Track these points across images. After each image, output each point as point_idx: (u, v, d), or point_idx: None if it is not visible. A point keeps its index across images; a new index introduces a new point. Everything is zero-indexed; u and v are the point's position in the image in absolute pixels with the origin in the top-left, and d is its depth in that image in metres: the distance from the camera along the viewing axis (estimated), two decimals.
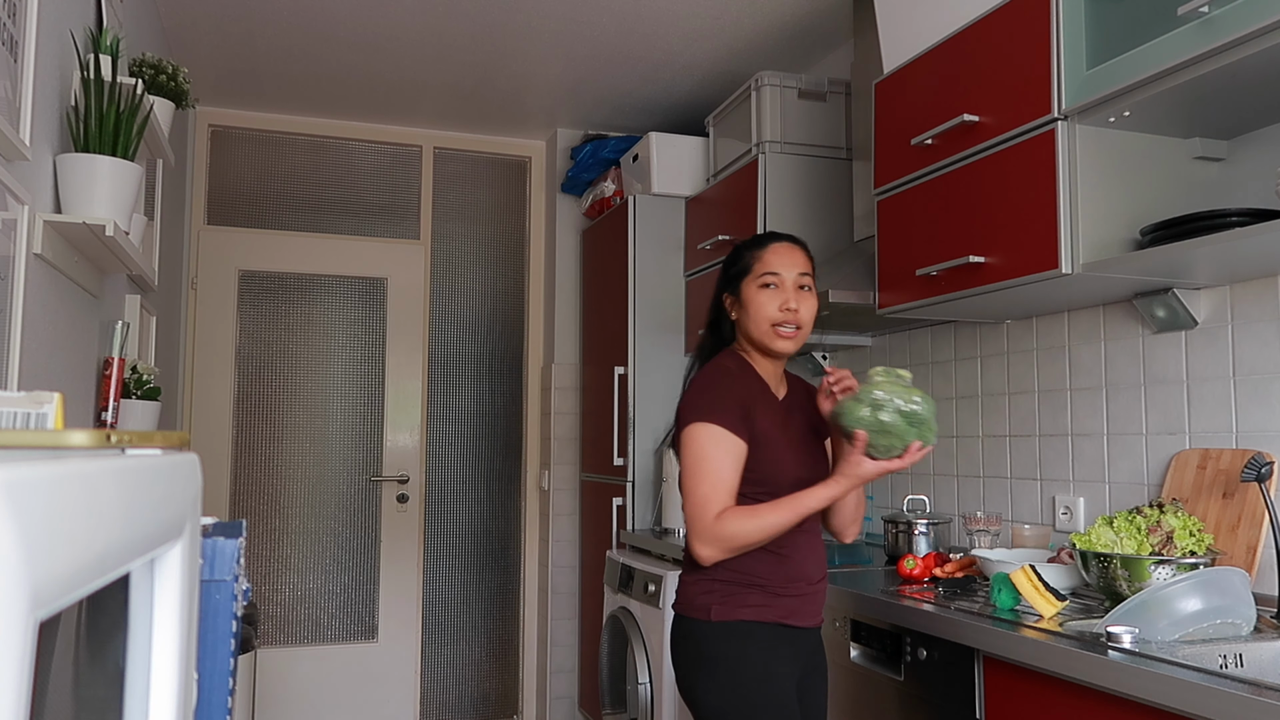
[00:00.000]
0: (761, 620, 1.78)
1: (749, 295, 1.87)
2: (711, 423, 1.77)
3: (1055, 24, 1.89)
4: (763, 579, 1.79)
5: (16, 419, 0.62)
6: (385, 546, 4.19)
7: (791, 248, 1.89)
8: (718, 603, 1.79)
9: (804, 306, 1.86)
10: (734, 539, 1.72)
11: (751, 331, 1.87)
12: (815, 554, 1.88)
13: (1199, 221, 1.70)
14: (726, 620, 1.77)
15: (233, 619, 0.75)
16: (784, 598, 1.80)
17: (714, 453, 1.76)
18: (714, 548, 1.74)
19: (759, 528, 1.73)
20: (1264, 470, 1.71)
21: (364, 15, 3.18)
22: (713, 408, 1.78)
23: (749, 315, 1.86)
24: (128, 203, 1.90)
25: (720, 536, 1.72)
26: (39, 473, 0.38)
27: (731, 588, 1.79)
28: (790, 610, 1.81)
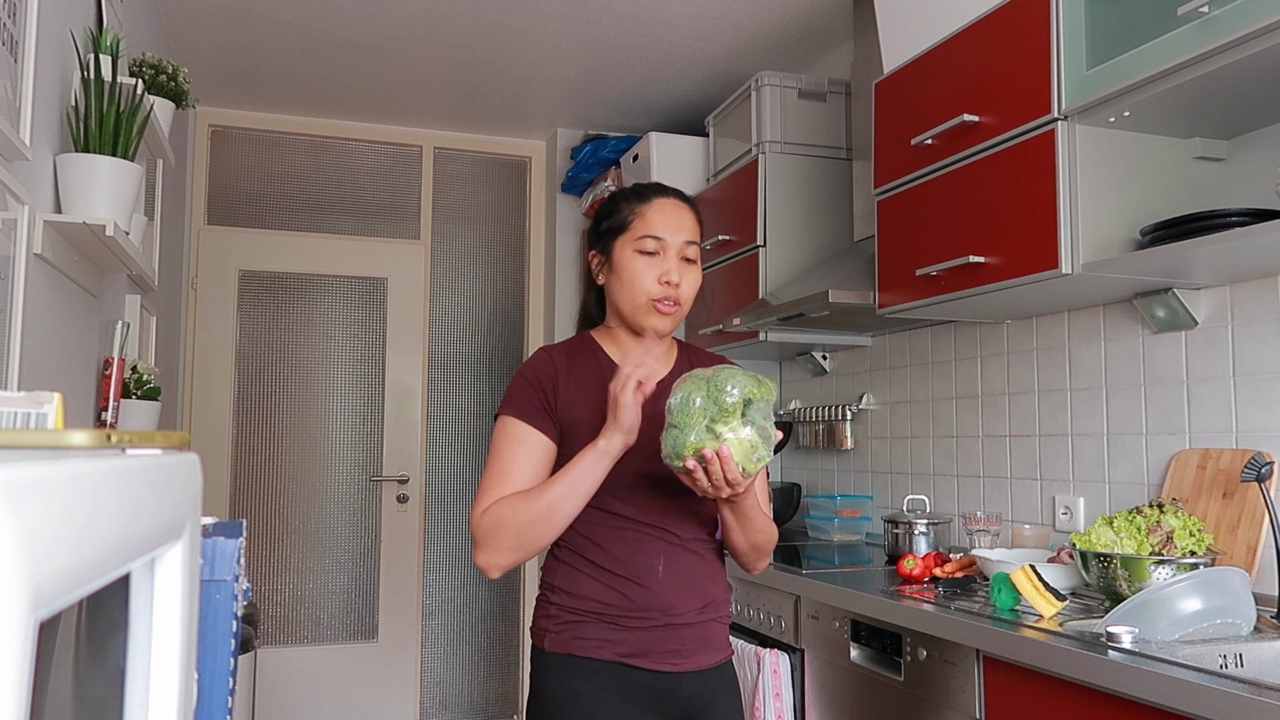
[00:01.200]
0: (597, 658, 1.47)
1: (622, 260, 1.54)
2: (504, 414, 1.52)
3: (1055, 24, 1.89)
4: (598, 606, 1.49)
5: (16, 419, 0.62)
6: (385, 546, 4.19)
7: (680, 206, 1.59)
8: (553, 630, 1.50)
9: (686, 281, 1.54)
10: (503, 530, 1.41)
11: (621, 304, 1.55)
12: (686, 579, 1.52)
13: (1199, 221, 1.70)
14: (558, 652, 1.49)
15: (233, 619, 0.75)
16: (629, 631, 1.48)
17: (500, 446, 1.50)
18: (487, 547, 1.42)
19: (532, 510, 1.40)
20: (1264, 470, 1.71)
21: (364, 15, 3.18)
22: (510, 397, 1.52)
23: (620, 283, 1.54)
24: (128, 203, 1.90)
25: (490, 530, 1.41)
26: (39, 473, 0.38)
27: (567, 613, 1.50)
28: (639, 648, 1.48)
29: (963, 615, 1.77)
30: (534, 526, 1.41)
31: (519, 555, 1.44)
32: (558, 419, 1.52)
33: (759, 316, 2.83)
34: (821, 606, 2.19)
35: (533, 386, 1.53)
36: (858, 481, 3.18)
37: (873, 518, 3.04)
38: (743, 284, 3.14)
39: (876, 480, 3.08)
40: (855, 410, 3.15)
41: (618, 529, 1.51)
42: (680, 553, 1.53)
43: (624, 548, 1.50)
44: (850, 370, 3.23)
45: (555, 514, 1.41)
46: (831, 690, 2.17)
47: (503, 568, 1.44)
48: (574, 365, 1.57)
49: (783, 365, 3.65)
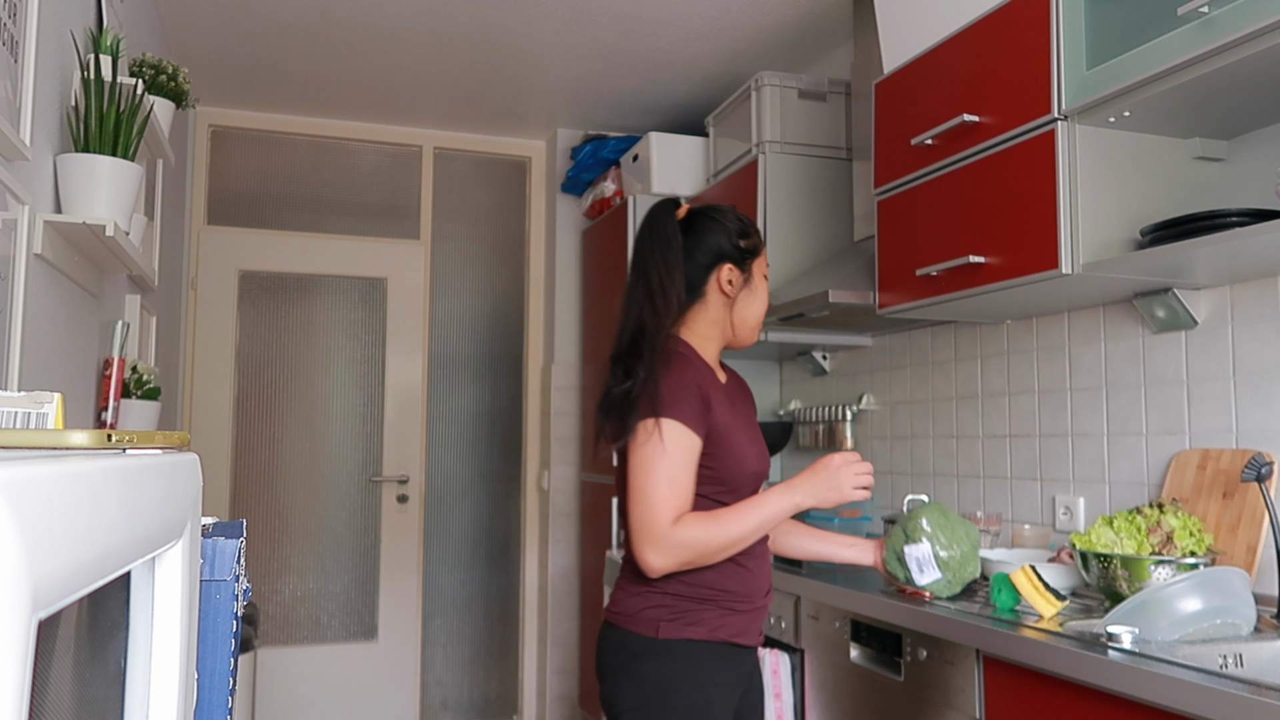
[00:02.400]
0: (710, 640, 1.60)
1: (758, 281, 1.70)
2: (673, 418, 1.56)
3: (1055, 24, 1.89)
4: (720, 593, 1.61)
5: (17, 419, 0.62)
6: (385, 546, 4.19)
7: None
8: (667, 619, 1.59)
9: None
10: (692, 548, 1.53)
11: (748, 317, 1.70)
12: (768, 565, 1.72)
13: (1199, 221, 1.70)
14: (674, 639, 1.59)
15: (233, 619, 0.75)
16: (738, 614, 1.63)
17: (674, 453, 1.55)
18: (668, 558, 1.53)
19: (722, 537, 1.54)
20: (1264, 470, 1.71)
21: (364, 15, 3.18)
22: (679, 401, 1.57)
23: (753, 300, 1.70)
24: (128, 203, 1.90)
25: (678, 545, 1.52)
26: (39, 473, 0.38)
27: (685, 603, 1.60)
28: (741, 628, 1.64)
29: (963, 615, 1.77)
30: (720, 551, 1.57)
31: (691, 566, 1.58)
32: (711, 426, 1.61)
33: None
34: (821, 606, 2.19)
35: (695, 395, 1.59)
36: None
37: (873, 518, 3.04)
38: None
39: (877, 480, 3.08)
40: (855, 410, 3.15)
41: None
42: (764, 548, 1.73)
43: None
44: (850, 370, 3.23)
45: (739, 546, 1.58)
46: (831, 690, 2.17)
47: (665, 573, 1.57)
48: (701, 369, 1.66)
49: (783, 365, 3.65)
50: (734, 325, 1.70)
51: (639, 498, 1.55)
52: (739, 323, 1.70)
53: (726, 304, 1.69)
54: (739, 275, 1.68)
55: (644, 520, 1.54)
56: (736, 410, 1.70)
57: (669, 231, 1.65)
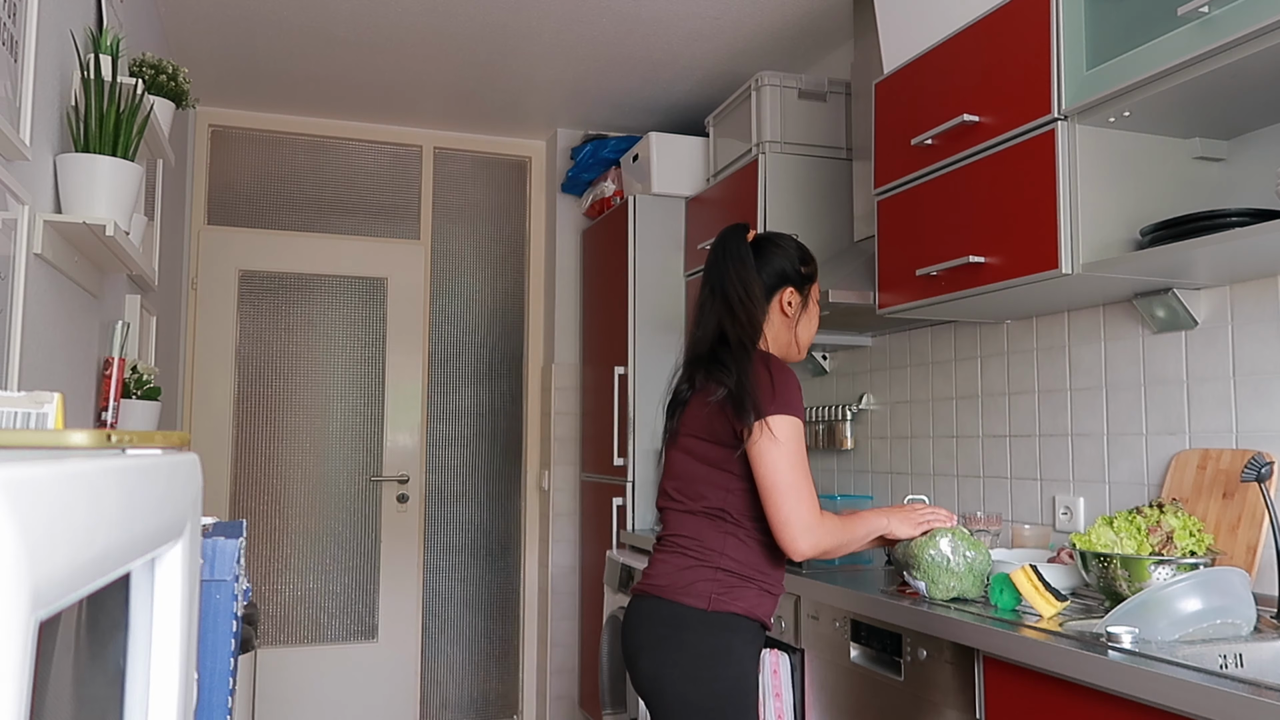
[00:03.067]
0: (751, 616, 1.77)
1: (812, 304, 1.89)
2: (799, 418, 1.74)
3: (1055, 24, 1.89)
4: (761, 575, 1.78)
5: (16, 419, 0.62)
6: (385, 546, 4.19)
7: None
8: (719, 593, 1.75)
9: None
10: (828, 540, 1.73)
11: (801, 338, 1.88)
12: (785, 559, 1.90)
13: (1199, 221, 1.70)
14: (722, 611, 1.74)
15: (233, 619, 0.75)
16: (770, 596, 1.81)
17: (800, 449, 1.74)
18: (814, 542, 1.71)
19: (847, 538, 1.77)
20: (1264, 470, 1.71)
21: (364, 15, 3.18)
22: (797, 402, 1.75)
23: (808, 322, 1.88)
24: (128, 203, 1.90)
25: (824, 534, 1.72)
26: (39, 473, 0.38)
27: (734, 578, 1.76)
28: (770, 610, 1.82)
29: (963, 615, 1.77)
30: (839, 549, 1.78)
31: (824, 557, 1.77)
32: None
33: None
34: (821, 606, 2.19)
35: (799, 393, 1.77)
36: (858, 481, 3.18)
37: None
38: None
39: (876, 480, 3.08)
40: (855, 410, 3.15)
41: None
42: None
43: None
44: (850, 370, 3.23)
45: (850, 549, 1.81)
46: (831, 690, 2.17)
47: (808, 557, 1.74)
48: None
49: None
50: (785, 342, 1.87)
51: (790, 491, 1.70)
52: (792, 338, 1.87)
53: (786, 324, 1.86)
54: (798, 298, 1.86)
55: (795, 512, 1.70)
56: None
57: (742, 252, 1.83)
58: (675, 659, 1.73)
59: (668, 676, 1.73)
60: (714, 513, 1.78)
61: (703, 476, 1.79)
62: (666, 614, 1.75)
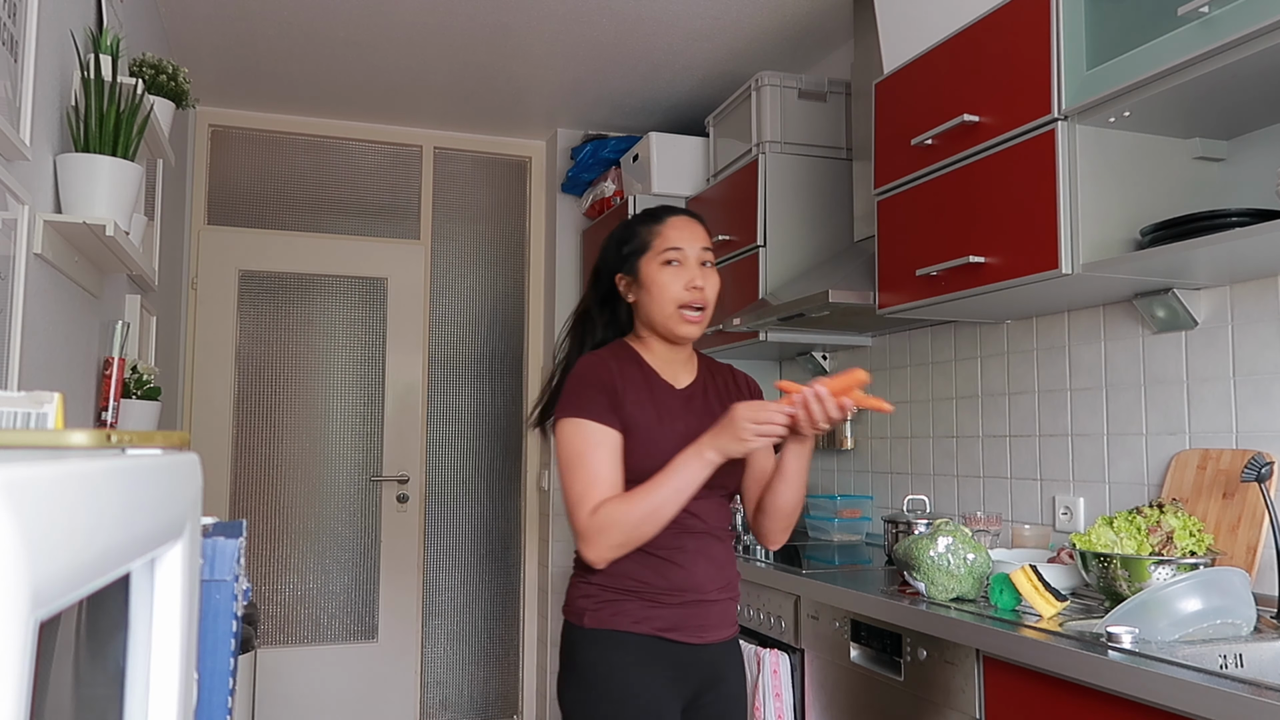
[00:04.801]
0: (636, 632, 1.64)
1: (650, 275, 1.71)
2: (579, 417, 1.65)
3: (1055, 24, 1.89)
4: (641, 586, 1.65)
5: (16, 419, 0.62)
6: (385, 546, 4.19)
7: (691, 222, 1.77)
8: (592, 608, 1.66)
9: (709, 284, 1.73)
10: (614, 529, 1.57)
11: (654, 314, 1.72)
12: (712, 562, 1.71)
13: (1199, 222, 1.70)
14: (598, 628, 1.65)
15: (233, 619, 0.75)
16: (665, 608, 1.65)
17: (583, 447, 1.63)
18: (597, 544, 1.59)
19: (640, 511, 1.57)
20: (1264, 470, 1.71)
21: (364, 15, 3.18)
22: (579, 401, 1.66)
23: (651, 297, 1.71)
24: (128, 203, 1.90)
25: (600, 528, 1.58)
26: (39, 473, 0.38)
27: (608, 593, 1.66)
28: (672, 623, 1.65)
29: (963, 615, 1.77)
30: (641, 525, 1.58)
31: (625, 550, 1.61)
32: (623, 420, 1.66)
33: (759, 316, 2.83)
34: (821, 606, 2.19)
35: (600, 390, 1.67)
36: (858, 481, 3.18)
37: (873, 518, 3.04)
38: (743, 284, 3.14)
39: (876, 480, 3.08)
40: (855, 410, 3.15)
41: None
42: (707, 539, 1.71)
43: (666, 536, 1.64)
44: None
45: (660, 514, 1.58)
46: (831, 690, 2.17)
47: (608, 560, 1.61)
48: (623, 370, 1.72)
49: (783, 365, 3.65)
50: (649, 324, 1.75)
51: (565, 498, 1.65)
52: (647, 320, 1.75)
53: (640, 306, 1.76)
54: (628, 280, 1.77)
55: (571, 517, 1.63)
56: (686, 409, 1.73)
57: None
58: (565, 678, 1.68)
59: (562, 695, 1.68)
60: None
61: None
62: (562, 632, 1.72)
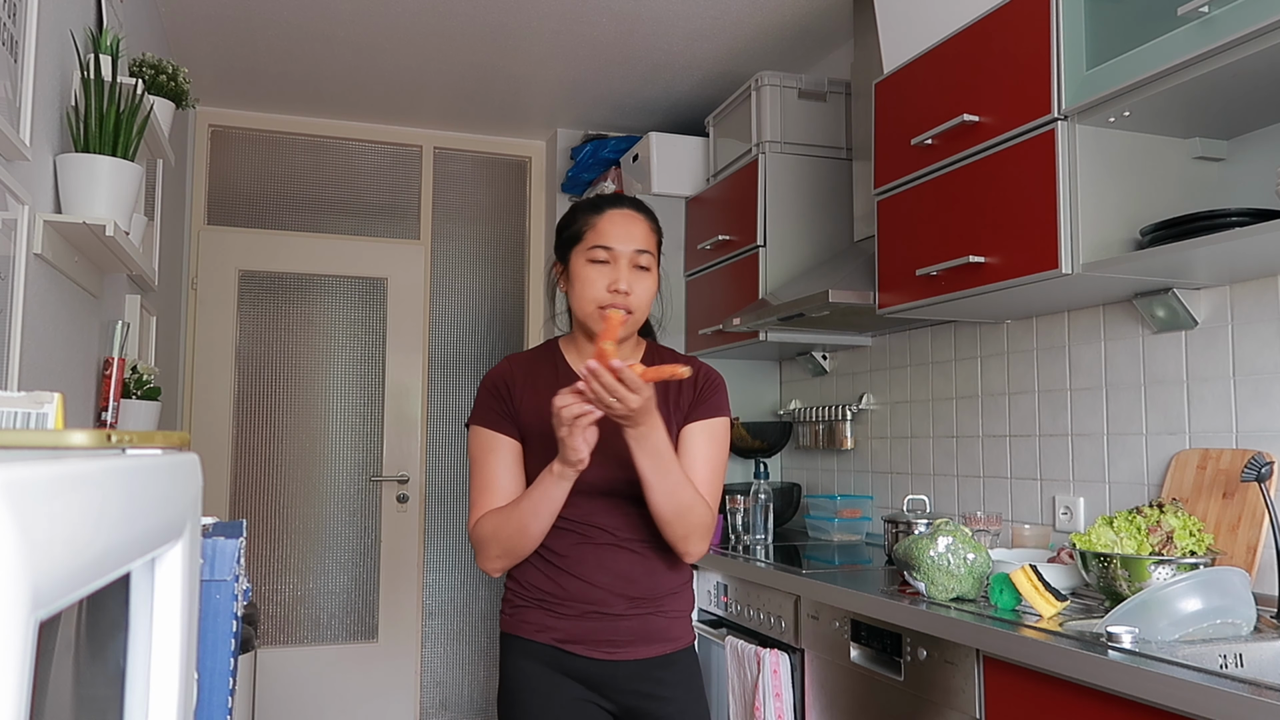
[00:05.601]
0: (538, 641, 1.61)
1: (576, 268, 1.58)
2: (474, 424, 1.64)
3: (1055, 24, 1.89)
4: (541, 595, 1.62)
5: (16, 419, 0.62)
6: (385, 546, 4.19)
7: (632, 216, 1.60)
8: (506, 612, 1.68)
9: (638, 288, 1.56)
10: (492, 542, 1.56)
11: (576, 311, 1.60)
12: (616, 574, 1.60)
13: (1199, 221, 1.70)
14: (507, 633, 1.66)
15: (233, 619, 0.75)
16: (564, 619, 1.59)
17: (477, 454, 1.62)
18: (481, 556, 1.59)
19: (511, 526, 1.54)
20: (1264, 470, 1.71)
21: (364, 15, 3.18)
22: (478, 408, 1.64)
23: (574, 292, 1.59)
24: (128, 203, 1.90)
25: (481, 541, 1.58)
26: (39, 473, 0.38)
27: (517, 599, 1.65)
28: (571, 635, 1.59)
29: (963, 615, 1.77)
30: (514, 539, 1.57)
31: (509, 560, 1.60)
32: (519, 425, 1.63)
33: (759, 316, 2.83)
34: (821, 606, 2.19)
35: (494, 396, 1.64)
36: (858, 481, 3.18)
37: (873, 518, 3.04)
38: (743, 284, 3.14)
39: (876, 480, 3.08)
40: (855, 410, 3.15)
41: (561, 529, 1.62)
42: (615, 551, 1.62)
43: (565, 545, 1.62)
44: (850, 370, 3.23)
45: (529, 529, 1.55)
46: (831, 690, 2.17)
47: (500, 570, 1.62)
48: (534, 371, 1.66)
49: (783, 365, 3.65)
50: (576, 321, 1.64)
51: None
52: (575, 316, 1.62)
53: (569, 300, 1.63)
54: (560, 268, 1.66)
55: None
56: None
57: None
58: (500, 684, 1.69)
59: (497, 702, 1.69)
60: None
61: None
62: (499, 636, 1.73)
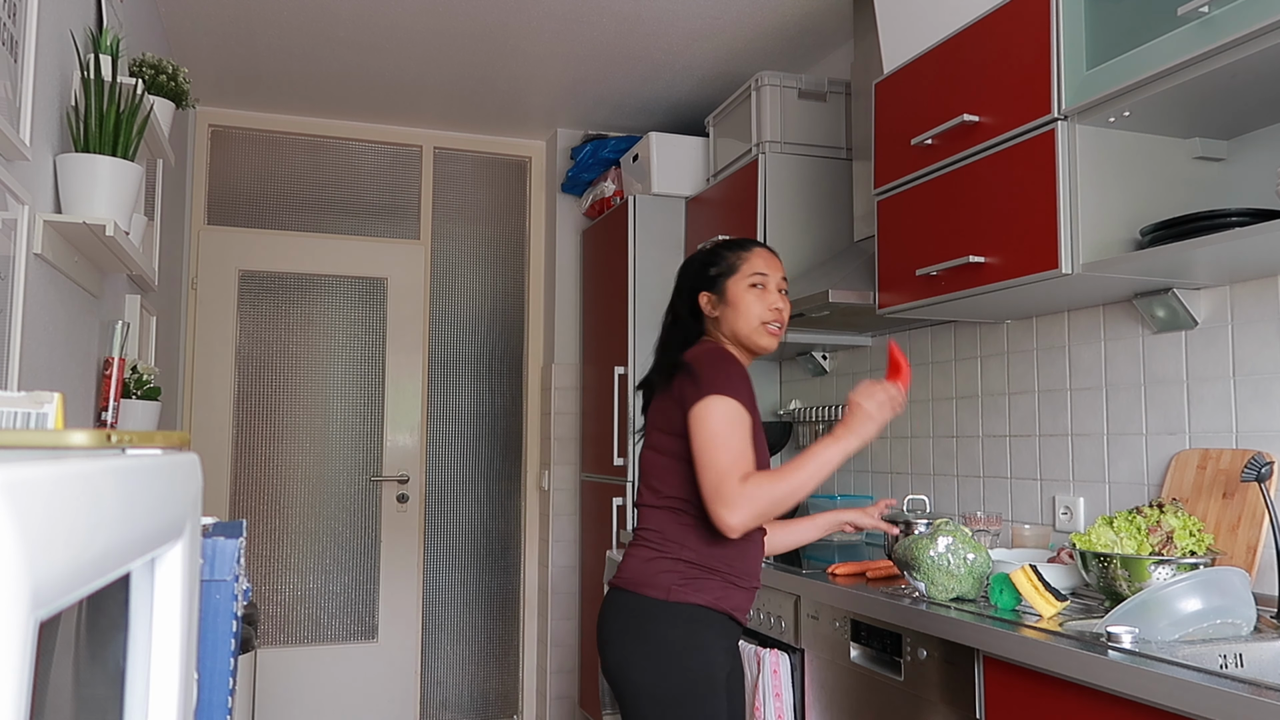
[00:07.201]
0: (716, 609, 1.81)
1: (736, 294, 1.94)
2: (730, 397, 1.79)
3: (1055, 24, 1.89)
4: (724, 567, 1.82)
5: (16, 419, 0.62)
6: (385, 546, 4.19)
7: (773, 255, 2.00)
8: (678, 584, 1.80)
9: (786, 308, 1.97)
10: (761, 499, 1.73)
11: (740, 328, 1.93)
12: (761, 551, 1.94)
13: (1199, 221, 1.70)
14: (683, 602, 1.79)
15: (233, 619, 0.75)
16: (738, 590, 1.84)
17: (732, 427, 1.78)
18: (744, 512, 1.72)
19: (787, 487, 1.74)
20: (1264, 470, 1.71)
21: (364, 15, 3.18)
22: (730, 384, 1.81)
23: (738, 313, 1.93)
24: (128, 203, 1.90)
25: (750, 497, 1.72)
26: (39, 473, 0.38)
27: (695, 569, 1.81)
28: (740, 603, 1.85)
29: (963, 615, 1.77)
30: (783, 501, 1.74)
31: (761, 520, 1.75)
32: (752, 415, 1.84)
33: None
34: (821, 606, 2.19)
35: (745, 380, 1.84)
36: (858, 481, 3.18)
37: None
38: None
39: (876, 480, 3.08)
40: None
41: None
42: (759, 532, 1.92)
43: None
44: (850, 370, 3.23)
45: (800, 493, 1.75)
46: (831, 690, 2.17)
47: (746, 528, 1.74)
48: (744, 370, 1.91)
49: (783, 365, 3.65)
50: (730, 336, 1.95)
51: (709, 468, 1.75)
52: (730, 334, 1.95)
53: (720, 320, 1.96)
54: (711, 296, 1.97)
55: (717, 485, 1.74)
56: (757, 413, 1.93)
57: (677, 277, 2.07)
58: (637, 649, 1.79)
59: (631, 666, 1.78)
60: (675, 505, 1.85)
61: (662, 468, 1.88)
62: (631, 605, 1.82)
